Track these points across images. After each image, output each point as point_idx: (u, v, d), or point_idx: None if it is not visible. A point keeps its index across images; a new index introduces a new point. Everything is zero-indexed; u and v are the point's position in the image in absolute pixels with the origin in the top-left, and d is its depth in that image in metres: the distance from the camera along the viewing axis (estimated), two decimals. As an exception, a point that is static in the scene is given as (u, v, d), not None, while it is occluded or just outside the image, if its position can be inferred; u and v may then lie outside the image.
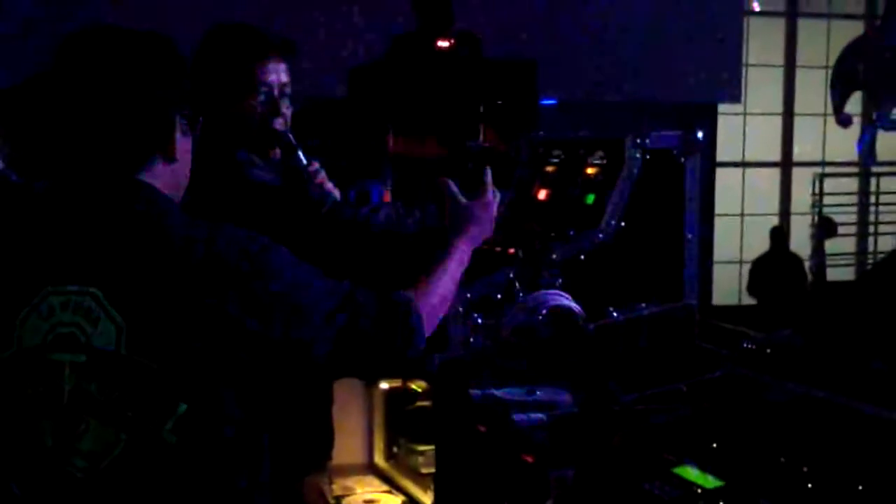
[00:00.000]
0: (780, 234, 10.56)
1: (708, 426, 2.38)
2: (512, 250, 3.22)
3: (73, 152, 1.81)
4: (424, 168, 5.14)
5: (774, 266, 10.22)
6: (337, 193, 2.86)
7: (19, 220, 1.83)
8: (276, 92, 2.76)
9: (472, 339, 3.16)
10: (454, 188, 2.40)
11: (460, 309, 3.12)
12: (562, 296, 3.02)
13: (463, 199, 2.39)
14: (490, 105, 5.84)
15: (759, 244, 10.93)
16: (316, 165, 2.84)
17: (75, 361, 1.71)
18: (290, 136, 2.79)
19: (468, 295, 3.13)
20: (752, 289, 10.41)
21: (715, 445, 2.30)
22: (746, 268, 11.05)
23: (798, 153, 12.33)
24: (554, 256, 3.16)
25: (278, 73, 2.76)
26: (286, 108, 2.79)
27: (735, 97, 10.62)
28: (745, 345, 2.51)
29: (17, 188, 2.00)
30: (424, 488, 3.58)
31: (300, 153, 2.79)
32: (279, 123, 2.77)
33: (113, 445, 1.70)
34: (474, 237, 2.32)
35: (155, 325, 1.70)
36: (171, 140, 1.83)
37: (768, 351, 2.46)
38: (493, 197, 2.43)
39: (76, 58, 1.80)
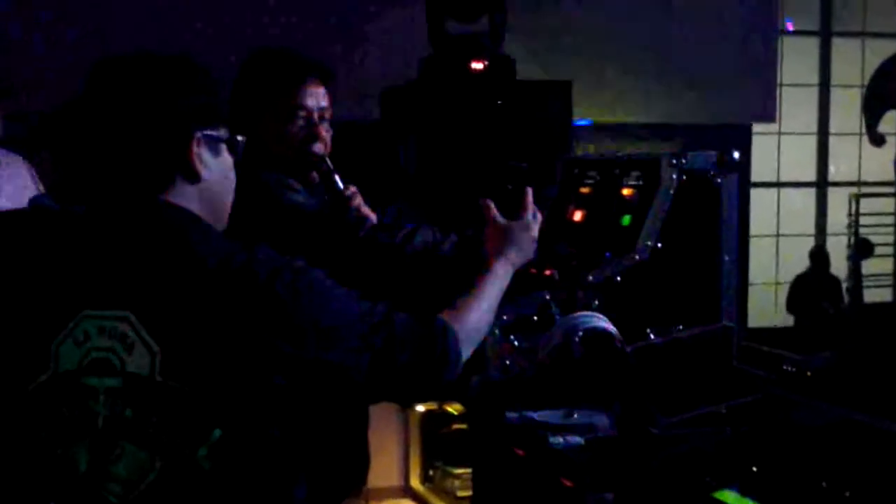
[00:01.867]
0: (820, 255, 10.51)
1: (748, 450, 2.36)
2: (548, 272, 3.20)
3: (98, 176, 1.83)
4: (461, 189, 5.13)
5: (813, 286, 10.19)
6: (373, 217, 2.86)
7: (53, 246, 1.83)
8: (315, 116, 2.76)
9: (508, 362, 3.14)
10: (494, 209, 2.39)
11: (496, 331, 3.10)
12: (598, 318, 2.99)
13: (503, 220, 2.38)
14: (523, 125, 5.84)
15: (794, 265, 10.85)
16: (353, 189, 2.84)
17: (110, 386, 1.72)
18: (328, 160, 2.79)
19: (504, 317, 3.11)
20: (790, 306, 10.39)
21: (755, 469, 2.28)
22: (782, 289, 10.96)
23: (833, 173, 12.24)
24: (590, 278, 3.14)
25: (317, 98, 2.77)
26: (326, 132, 2.80)
27: (769, 117, 10.56)
28: (785, 367, 2.49)
29: (53, 214, 2.01)
30: (460, 511, 3.57)
31: (337, 177, 2.79)
32: (318, 147, 2.77)
33: (148, 471, 1.70)
34: (515, 259, 2.31)
35: (189, 349, 1.70)
36: (187, 158, 1.83)
37: (808, 374, 2.43)
38: (534, 218, 2.42)
39: (94, 84, 1.84)
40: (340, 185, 2.80)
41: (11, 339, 1.79)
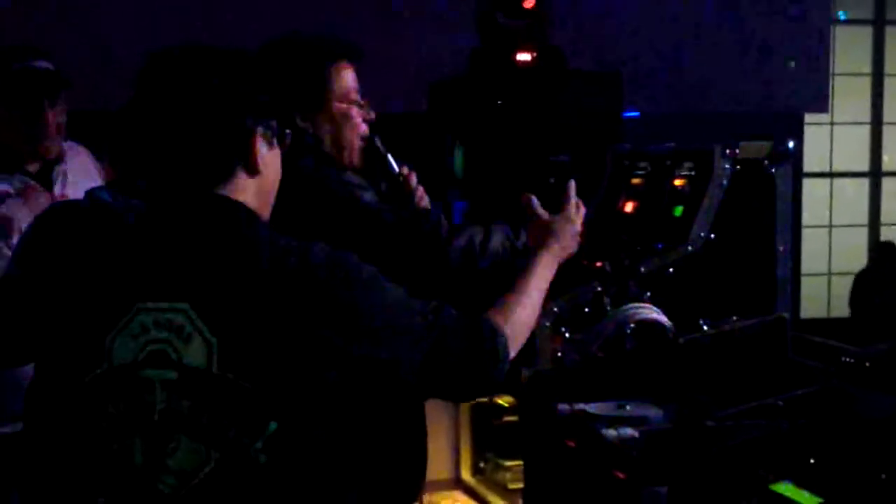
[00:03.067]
0: (886, 249, 10.38)
1: (805, 442, 2.33)
2: (599, 263, 3.18)
3: (156, 170, 1.82)
4: (510, 184, 5.10)
5: (873, 279, 10.07)
6: (426, 201, 2.76)
7: (108, 239, 1.84)
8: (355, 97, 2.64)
9: (559, 354, 3.13)
10: (537, 203, 2.38)
11: (547, 323, 3.09)
12: (650, 309, 2.98)
13: (546, 214, 2.37)
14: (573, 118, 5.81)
15: (847, 256, 10.74)
16: (406, 169, 2.74)
17: (166, 379, 1.72)
18: (379, 140, 2.69)
19: (555, 309, 3.10)
20: (853, 301, 10.28)
21: (812, 462, 2.25)
22: (835, 280, 10.85)
23: (887, 163, 12.09)
24: (642, 269, 3.12)
25: (355, 79, 2.65)
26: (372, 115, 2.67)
27: (822, 107, 10.45)
28: (843, 359, 2.45)
29: (109, 207, 2.01)
30: (512, 504, 3.56)
31: (390, 158, 2.70)
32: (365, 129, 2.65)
33: (203, 464, 1.70)
34: (558, 252, 2.30)
35: (245, 342, 1.70)
36: (251, 151, 1.83)
37: (867, 365, 2.40)
38: (578, 211, 2.41)
39: (151, 78, 1.83)
40: (395, 166, 2.71)
41: (68, 332, 1.79)
